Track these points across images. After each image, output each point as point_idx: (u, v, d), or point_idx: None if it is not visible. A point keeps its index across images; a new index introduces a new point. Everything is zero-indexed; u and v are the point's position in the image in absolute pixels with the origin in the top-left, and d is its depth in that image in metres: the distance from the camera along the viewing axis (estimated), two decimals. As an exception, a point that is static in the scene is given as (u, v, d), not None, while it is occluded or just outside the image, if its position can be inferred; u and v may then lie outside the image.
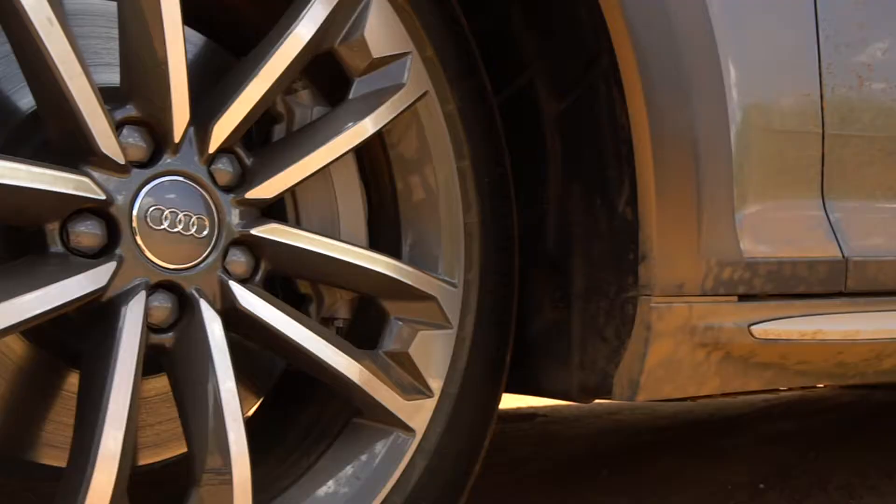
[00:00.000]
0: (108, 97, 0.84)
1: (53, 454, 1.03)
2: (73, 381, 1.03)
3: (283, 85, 0.93)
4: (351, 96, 1.00)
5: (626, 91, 0.98)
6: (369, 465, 0.99)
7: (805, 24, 1.11)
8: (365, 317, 1.07)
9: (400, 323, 1.03)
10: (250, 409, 1.21)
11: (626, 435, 2.46)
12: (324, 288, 1.05)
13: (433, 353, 1.03)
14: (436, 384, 1.03)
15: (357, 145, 0.97)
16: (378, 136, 1.02)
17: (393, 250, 1.06)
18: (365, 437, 1.01)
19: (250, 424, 0.88)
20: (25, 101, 0.97)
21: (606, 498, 1.70)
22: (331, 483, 0.98)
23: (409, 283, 1.00)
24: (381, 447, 1.00)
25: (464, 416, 1.05)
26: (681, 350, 1.02)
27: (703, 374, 1.05)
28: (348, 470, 0.98)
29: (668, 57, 0.98)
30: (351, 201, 1.06)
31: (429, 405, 1.02)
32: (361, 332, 1.05)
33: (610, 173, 1.05)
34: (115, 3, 0.88)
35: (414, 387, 1.02)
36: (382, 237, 1.09)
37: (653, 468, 1.97)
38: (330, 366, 0.93)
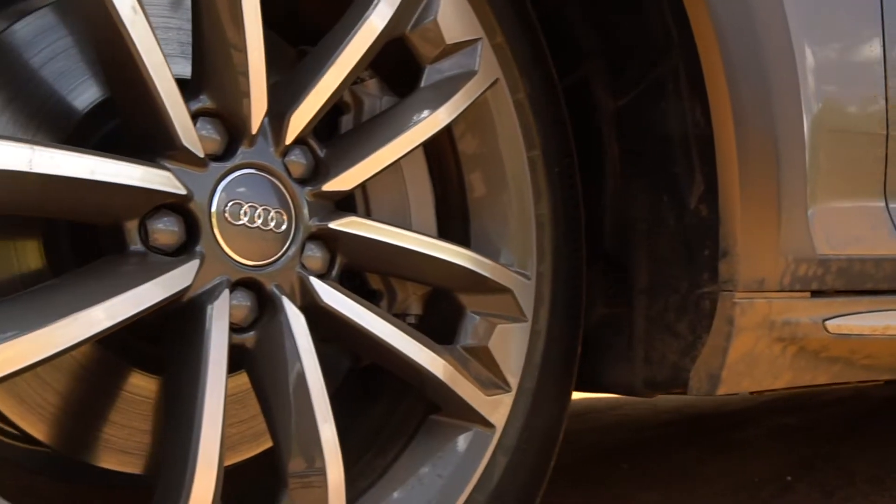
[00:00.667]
0: (179, 89, 0.81)
1: (115, 458, 1.00)
2: (135, 382, 1.00)
3: (358, 73, 0.90)
4: (423, 84, 0.97)
5: (709, 89, 0.98)
6: (450, 462, 0.96)
7: (871, 27, 1.14)
8: (435, 312, 1.04)
9: (477, 317, 1.01)
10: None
11: (633, 430, 2.46)
12: (396, 283, 1.03)
13: (510, 348, 1.01)
14: (513, 379, 1.01)
15: (434, 135, 0.94)
16: (448, 125, 0.99)
17: (460, 240, 1.03)
18: (444, 434, 0.98)
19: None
20: (86, 96, 0.93)
21: (636, 491, 1.69)
22: (412, 482, 0.95)
23: (487, 275, 0.98)
24: (461, 444, 0.97)
25: (541, 410, 1.03)
26: (760, 345, 1.03)
27: (778, 369, 1.07)
28: (429, 468, 0.96)
29: (751, 56, 0.99)
30: (420, 192, 1.04)
31: (507, 400, 1.00)
32: (433, 328, 1.02)
33: (678, 170, 1.05)
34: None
35: (492, 382, 1.00)
36: (450, 229, 1.06)
37: (671, 462, 1.97)
38: (414, 361, 0.90)
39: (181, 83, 0.85)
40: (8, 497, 0.82)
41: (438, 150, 1.05)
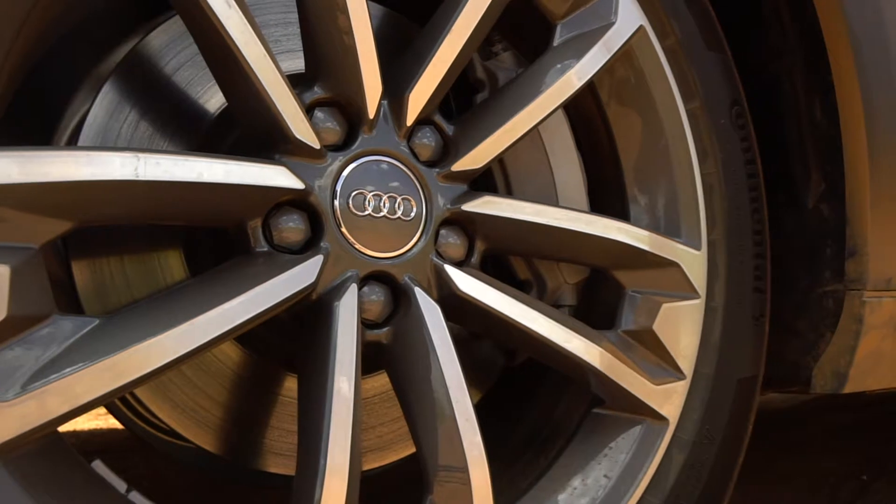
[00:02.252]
0: (295, 83, 0.77)
1: (278, 461, 0.99)
2: (283, 383, 0.99)
3: (479, 39, 0.83)
4: (555, 43, 0.88)
5: (839, 89, 0.96)
6: (617, 460, 0.86)
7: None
8: (592, 300, 0.95)
9: (639, 296, 0.89)
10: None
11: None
12: (545, 272, 0.94)
13: (681, 329, 0.88)
14: (686, 364, 0.89)
15: (570, 98, 0.84)
16: (587, 85, 0.88)
17: (617, 214, 0.92)
18: (609, 430, 0.88)
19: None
20: (214, 101, 0.93)
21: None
22: (575, 482, 0.86)
23: (646, 248, 0.86)
24: (629, 440, 0.86)
25: (723, 398, 0.90)
26: (885, 343, 1.03)
27: (900, 367, 1.02)
28: (594, 467, 0.86)
29: (881, 55, 0.97)
30: (565, 162, 0.94)
31: (681, 389, 0.88)
32: (591, 319, 0.92)
33: (796, 170, 1.04)
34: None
35: (661, 368, 0.88)
36: (604, 200, 0.96)
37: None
38: (566, 350, 0.81)
39: (299, 77, 0.82)
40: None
41: (582, 114, 0.95)
